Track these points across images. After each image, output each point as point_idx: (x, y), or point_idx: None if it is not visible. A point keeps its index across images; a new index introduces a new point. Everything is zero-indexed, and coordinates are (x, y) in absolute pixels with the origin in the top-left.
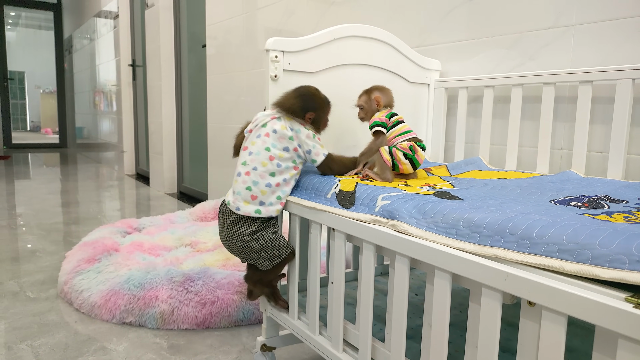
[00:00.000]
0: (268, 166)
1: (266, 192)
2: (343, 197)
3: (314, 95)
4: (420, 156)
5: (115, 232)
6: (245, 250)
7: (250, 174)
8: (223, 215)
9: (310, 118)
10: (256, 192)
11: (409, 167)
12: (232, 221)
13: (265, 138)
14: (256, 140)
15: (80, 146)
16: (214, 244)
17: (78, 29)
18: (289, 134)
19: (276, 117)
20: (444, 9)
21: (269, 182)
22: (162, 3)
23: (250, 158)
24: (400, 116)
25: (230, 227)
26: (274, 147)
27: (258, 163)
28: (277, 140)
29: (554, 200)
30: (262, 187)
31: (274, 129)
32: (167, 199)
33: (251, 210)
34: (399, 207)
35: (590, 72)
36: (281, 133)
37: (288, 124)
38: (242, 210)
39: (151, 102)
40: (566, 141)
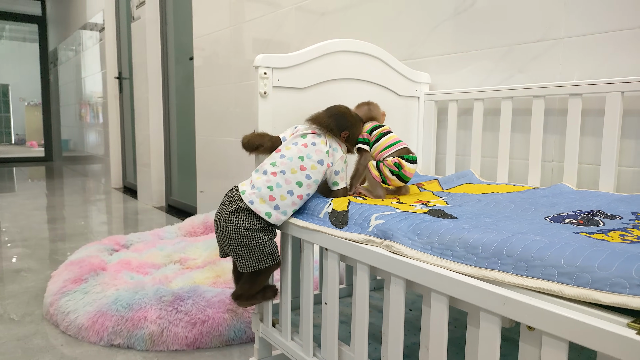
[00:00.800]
0: (297, 174)
1: (286, 198)
2: (336, 216)
3: (346, 114)
4: (409, 170)
5: (103, 250)
6: (235, 242)
7: (277, 175)
8: (230, 200)
9: (345, 137)
10: (276, 195)
11: (398, 182)
12: (237, 209)
13: (302, 147)
14: (292, 147)
15: (66, 159)
16: (204, 261)
17: (63, 42)
18: (327, 149)
19: (317, 132)
20: (433, 21)
21: (292, 190)
22: (148, 16)
23: (281, 161)
24: (385, 127)
25: (232, 215)
26: (308, 158)
27: (288, 168)
28: (314, 152)
29: (549, 217)
30: (284, 192)
31: (313, 142)
32: (155, 213)
33: (262, 210)
34: (393, 226)
35: (580, 85)
36: (319, 147)
37: (328, 141)
38: (255, 206)
39: (138, 114)
40: (557, 153)
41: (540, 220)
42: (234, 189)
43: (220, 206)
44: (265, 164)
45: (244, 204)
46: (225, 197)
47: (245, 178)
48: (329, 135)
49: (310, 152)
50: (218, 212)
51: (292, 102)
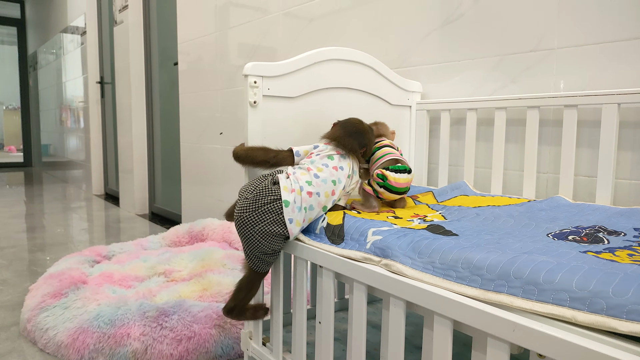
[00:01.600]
0: (328, 199)
1: (311, 219)
2: (332, 231)
3: (363, 131)
4: (395, 180)
5: (83, 262)
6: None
7: (312, 197)
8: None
9: (362, 152)
10: (307, 217)
11: (388, 194)
12: (275, 198)
13: (334, 171)
14: (323, 168)
15: (46, 165)
16: (190, 273)
17: (43, 45)
18: (349, 172)
19: (341, 153)
20: (424, 30)
21: (318, 214)
22: (131, 20)
23: (317, 182)
24: (381, 142)
25: (271, 204)
26: (339, 183)
27: (322, 191)
28: (343, 177)
29: (551, 233)
30: (313, 215)
31: (341, 166)
32: (138, 221)
33: (294, 233)
34: (392, 244)
35: (575, 96)
36: (346, 172)
37: (352, 164)
38: (291, 227)
39: (121, 119)
40: (552, 165)
41: (542, 237)
42: (269, 182)
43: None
44: (299, 178)
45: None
46: (259, 186)
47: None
48: (352, 157)
49: (340, 177)
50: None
51: (282, 111)
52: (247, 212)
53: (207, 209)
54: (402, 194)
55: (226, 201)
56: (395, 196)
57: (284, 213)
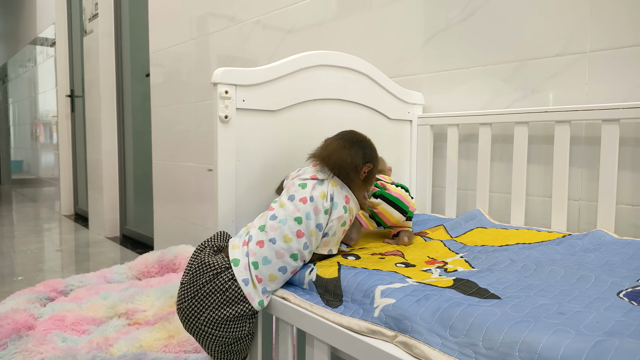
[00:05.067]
0: (292, 244)
1: (276, 278)
2: (325, 287)
3: (368, 141)
4: (395, 190)
5: (34, 300)
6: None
7: (265, 246)
8: (218, 294)
9: (366, 172)
10: (263, 275)
11: (385, 207)
12: (232, 317)
13: (301, 204)
14: (288, 204)
15: (16, 182)
16: (155, 314)
17: (12, 57)
18: (326, 205)
19: (318, 178)
20: (425, 32)
21: (285, 266)
22: (101, 29)
23: (272, 224)
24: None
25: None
26: (307, 220)
27: (279, 235)
28: (312, 211)
29: (622, 292)
30: (274, 270)
31: (311, 196)
32: (107, 245)
33: (255, 298)
34: (410, 311)
35: (616, 108)
36: (318, 202)
37: (330, 191)
38: (248, 289)
39: (90, 135)
40: (586, 191)
41: (613, 297)
42: (206, 253)
43: (185, 276)
44: (254, 224)
45: (243, 310)
46: (194, 262)
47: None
48: (334, 182)
49: (309, 211)
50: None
51: (261, 128)
52: (185, 302)
53: (180, 233)
54: (401, 212)
55: (200, 225)
56: (393, 213)
57: (236, 275)
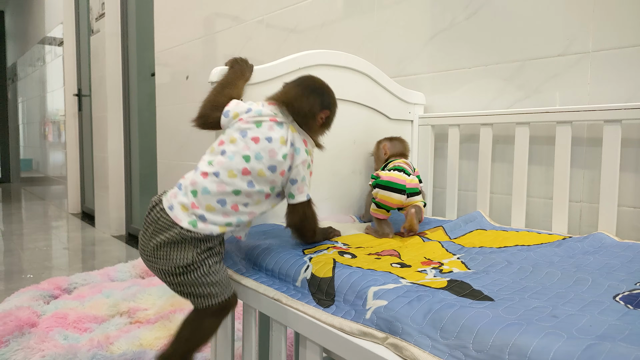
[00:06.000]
0: (235, 180)
1: (214, 209)
2: (318, 286)
3: (329, 90)
4: (387, 175)
5: (38, 298)
6: (173, 283)
7: (208, 178)
8: (152, 225)
9: (323, 118)
10: (200, 203)
11: (383, 193)
12: (163, 242)
13: (252, 143)
14: (239, 139)
15: (25, 181)
16: (156, 312)
17: (22, 57)
18: (285, 151)
19: (277, 120)
20: (427, 32)
21: (224, 199)
22: (108, 29)
23: (218, 160)
24: (398, 161)
25: (157, 249)
26: (257, 160)
27: (224, 170)
28: (266, 153)
29: (619, 295)
30: (212, 200)
31: (268, 137)
32: (113, 243)
33: (183, 219)
34: (402, 313)
35: (619, 109)
36: (275, 147)
37: (290, 137)
38: (174, 213)
39: (96, 134)
40: (588, 192)
41: (609, 301)
42: (153, 205)
43: (142, 233)
44: (202, 161)
45: (173, 234)
46: (146, 222)
47: None
48: (293, 127)
49: (261, 152)
50: (141, 240)
51: None
52: (145, 250)
53: None
54: (398, 191)
55: None
56: (391, 195)
57: (163, 204)
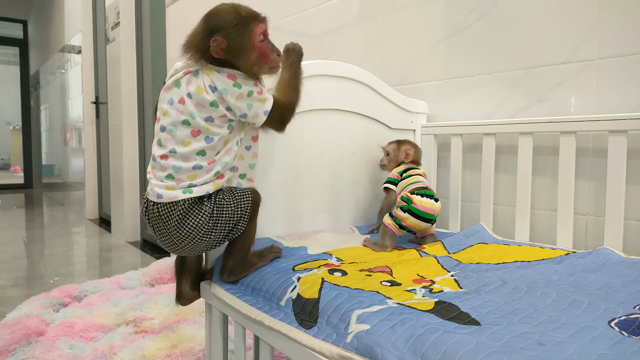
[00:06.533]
0: (193, 145)
1: (196, 175)
2: (302, 307)
3: (219, 11)
4: (420, 203)
5: (48, 306)
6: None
7: (169, 158)
8: (160, 223)
9: (220, 47)
10: (181, 178)
11: (413, 220)
12: (181, 216)
13: (180, 106)
14: (169, 109)
15: (46, 186)
16: (161, 322)
17: (44, 65)
18: (209, 98)
19: (191, 70)
20: (430, 40)
21: (198, 163)
22: (123, 37)
23: (165, 136)
24: (417, 170)
25: (180, 225)
26: (194, 118)
27: (177, 143)
28: (195, 107)
29: (614, 320)
30: (189, 171)
31: (188, 92)
32: (128, 250)
33: (177, 195)
34: (383, 338)
35: (624, 119)
36: (198, 98)
37: (207, 82)
38: (166, 197)
39: (112, 142)
40: (594, 205)
41: (603, 326)
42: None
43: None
44: (153, 144)
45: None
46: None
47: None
48: (208, 71)
49: (191, 110)
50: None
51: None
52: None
53: None
54: (428, 221)
55: None
56: (421, 224)
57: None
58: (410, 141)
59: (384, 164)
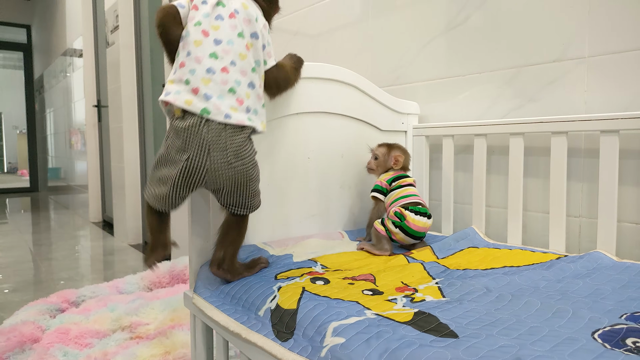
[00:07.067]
0: (248, 59)
1: (250, 95)
2: (280, 318)
3: None
4: (413, 222)
5: (45, 312)
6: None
7: (229, 71)
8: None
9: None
10: (241, 95)
11: (402, 236)
12: (241, 143)
13: (232, 20)
14: (219, 23)
15: (51, 189)
16: (157, 327)
17: (47, 69)
18: (254, 14)
19: None
20: (422, 39)
21: (251, 81)
22: (122, 41)
23: (222, 48)
24: (405, 180)
25: (239, 151)
26: (245, 34)
27: (235, 55)
28: (243, 23)
29: (598, 332)
30: (245, 88)
31: (235, 9)
32: (130, 253)
33: (244, 118)
34: (358, 352)
35: (615, 118)
36: (245, 14)
37: (247, 2)
38: (234, 118)
39: (113, 145)
40: (587, 207)
41: (586, 338)
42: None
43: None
44: (203, 59)
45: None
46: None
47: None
48: (242, 3)
49: (241, 24)
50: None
51: None
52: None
53: None
54: (418, 238)
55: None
56: (410, 240)
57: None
58: (401, 146)
59: (371, 168)
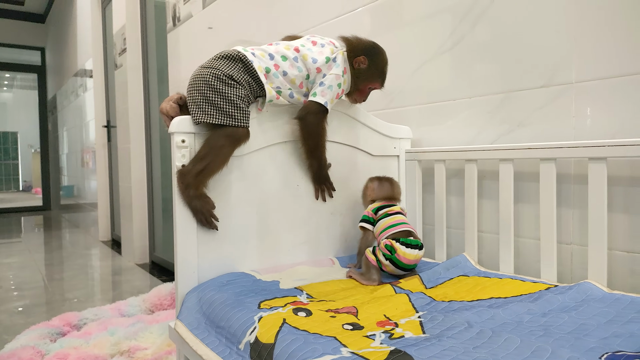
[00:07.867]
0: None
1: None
2: (258, 353)
3: (378, 46)
4: (404, 255)
5: (46, 336)
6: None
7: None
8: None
9: (361, 62)
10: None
11: (393, 269)
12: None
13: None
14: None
15: (63, 208)
16: (154, 352)
17: (60, 89)
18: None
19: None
20: (413, 63)
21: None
22: (130, 63)
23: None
24: (393, 208)
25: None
26: (306, 49)
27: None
28: (316, 51)
29: None
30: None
31: (322, 43)
32: (137, 272)
33: (262, 65)
34: None
35: (602, 145)
36: (324, 50)
37: (336, 53)
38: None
39: (121, 165)
40: (577, 234)
41: None
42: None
43: None
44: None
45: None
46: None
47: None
48: (343, 53)
49: (312, 47)
50: None
51: (225, 174)
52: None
53: None
54: (409, 270)
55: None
56: (400, 272)
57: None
58: (379, 177)
59: (363, 204)
